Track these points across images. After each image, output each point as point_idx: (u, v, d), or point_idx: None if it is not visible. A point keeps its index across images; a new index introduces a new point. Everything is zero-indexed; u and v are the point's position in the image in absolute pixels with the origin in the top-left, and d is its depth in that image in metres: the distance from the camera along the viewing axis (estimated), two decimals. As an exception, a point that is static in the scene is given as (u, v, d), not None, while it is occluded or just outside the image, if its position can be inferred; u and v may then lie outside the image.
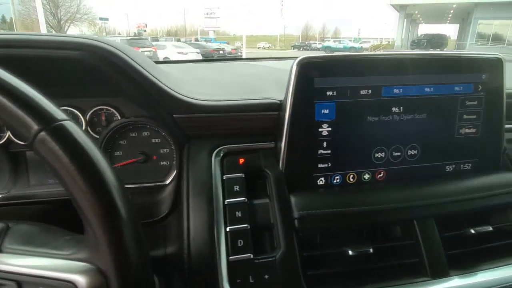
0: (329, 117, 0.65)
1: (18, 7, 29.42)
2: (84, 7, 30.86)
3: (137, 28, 32.41)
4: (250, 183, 0.66)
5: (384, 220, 0.63)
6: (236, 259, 0.57)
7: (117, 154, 0.82)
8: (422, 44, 22.11)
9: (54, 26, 29.38)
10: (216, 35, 40.86)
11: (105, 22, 34.02)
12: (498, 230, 0.67)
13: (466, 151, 0.72)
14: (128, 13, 46.36)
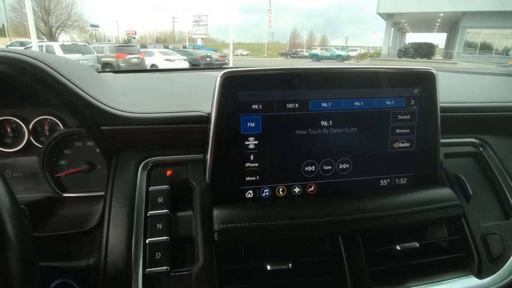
0: (255, 130, 0.64)
1: (10, 13, 29.25)
2: (75, 15, 30.80)
3: (127, 35, 32.44)
4: (177, 195, 0.66)
5: (307, 235, 0.62)
6: (152, 271, 0.56)
7: (62, 163, 0.83)
8: (409, 52, 22.47)
9: (46, 33, 29.23)
10: (204, 42, 41.09)
11: (95, 29, 33.96)
12: (425, 247, 0.67)
13: (400, 166, 0.72)
14: (118, 20, 46.42)
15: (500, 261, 0.67)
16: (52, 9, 29.21)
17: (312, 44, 72.04)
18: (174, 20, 60.99)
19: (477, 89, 1.15)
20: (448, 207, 0.68)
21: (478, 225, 0.69)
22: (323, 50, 34.02)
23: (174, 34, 68.26)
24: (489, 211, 0.74)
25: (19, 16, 28.16)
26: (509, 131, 0.86)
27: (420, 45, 23.29)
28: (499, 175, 0.78)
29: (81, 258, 0.62)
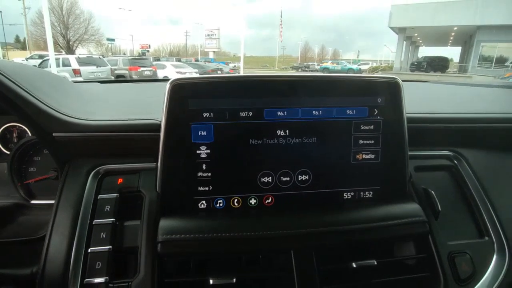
0: (207, 139, 0.62)
1: (31, 28, 30.41)
2: (92, 29, 31.80)
3: (141, 49, 33.25)
4: (127, 204, 0.64)
5: (254, 249, 0.59)
6: (90, 282, 0.54)
7: (31, 170, 0.84)
8: (422, 66, 22.22)
9: (64, 46, 30.25)
10: (216, 56, 41.74)
11: (111, 42, 34.94)
12: (386, 265, 0.63)
13: (365, 178, 0.69)
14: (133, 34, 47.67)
15: (469, 283, 0.62)
16: (71, 23, 30.28)
17: (324, 58, 72.20)
18: (187, 34, 62.27)
19: (467, 102, 1.10)
20: (413, 223, 0.64)
21: (446, 243, 0.65)
22: (334, 63, 34.06)
23: (187, 48, 69.59)
24: (460, 229, 0.70)
25: (39, 30, 29.27)
26: (487, 144, 0.81)
27: (433, 59, 23.04)
28: (474, 190, 0.73)
29: (27, 266, 0.61)
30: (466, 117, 0.78)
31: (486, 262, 0.65)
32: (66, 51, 28.30)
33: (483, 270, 0.64)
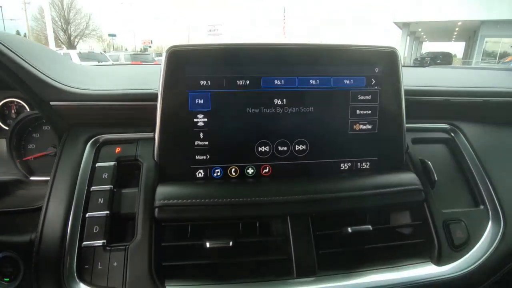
0: (204, 107, 0.62)
1: (32, 23, 30.38)
2: (93, 24, 31.70)
3: (143, 44, 33.16)
4: (125, 173, 0.65)
5: (251, 215, 0.60)
6: (88, 245, 0.55)
7: (30, 147, 0.84)
8: (425, 62, 22.04)
9: (65, 41, 30.21)
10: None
11: (113, 38, 34.83)
12: (382, 231, 0.63)
13: (362, 149, 0.69)
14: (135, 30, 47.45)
15: (463, 249, 0.63)
16: (72, 18, 30.19)
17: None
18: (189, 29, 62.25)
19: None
20: (409, 191, 0.64)
21: (441, 211, 0.65)
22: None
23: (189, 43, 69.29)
24: (456, 199, 0.70)
25: (40, 25, 29.20)
26: (485, 118, 0.81)
27: (436, 55, 22.84)
28: (470, 162, 0.73)
29: (26, 233, 0.62)
30: (464, 90, 0.78)
31: (480, 230, 0.66)
32: (67, 46, 28.23)
33: (477, 237, 0.65)
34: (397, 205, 0.65)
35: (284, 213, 0.60)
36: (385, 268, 0.59)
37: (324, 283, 0.56)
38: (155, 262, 0.54)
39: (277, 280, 0.56)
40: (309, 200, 0.60)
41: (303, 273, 0.57)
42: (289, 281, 0.56)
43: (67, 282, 0.52)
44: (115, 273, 0.53)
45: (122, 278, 0.53)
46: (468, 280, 0.60)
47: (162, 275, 0.55)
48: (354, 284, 0.57)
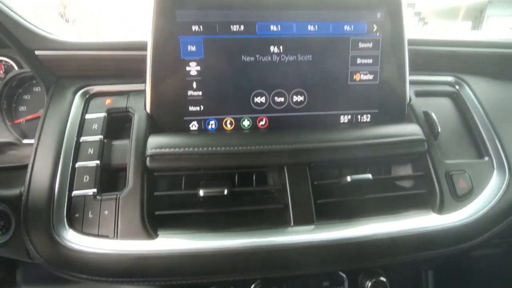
0: (197, 55, 0.59)
1: None
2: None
3: None
4: (116, 125, 0.63)
5: (248, 164, 0.58)
6: (78, 194, 0.54)
7: (21, 109, 0.81)
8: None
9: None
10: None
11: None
12: (382, 182, 0.61)
13: (363, 101, 0.66)
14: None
15: (466, 199, 0.61)
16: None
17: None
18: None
19: None
20: (411, 141, 0.62)
21: (444, 162, 0.62)
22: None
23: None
24: (460, 151, 0.67)
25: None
26: (492, 72, 0.77)
27: (441, 36, 22.39)
28: (476, 114, 0.70)
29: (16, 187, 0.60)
30: (471, 41, 0.74)
31: (484, 181, 0.63)
32: None
33: (481, 188, 0.62)
34: (398, 156, 0.62)
35: (281, 163, 0.58)
36: (385, 217, 0.57)
37: (322, 232, 0.54)
38: (147, 211, 0.53)
39: (273, 229, 0.54)
40: (307, 149, 0.58)
41: (300, 222, 0.55)
42: (286, 230, 0.54)
43: (57, 231, 0.51)
44: (107, 221, 0.52)
45: (113, 226, 0.51)
46: (470, 230, 0.58)
47: (155, 224, 0.53)
48: (353, 232, 0.55)
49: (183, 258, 0.50)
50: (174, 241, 0.52)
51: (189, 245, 0.51)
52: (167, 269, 0.51)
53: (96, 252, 0.50)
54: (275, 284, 0.60)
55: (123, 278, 0.51)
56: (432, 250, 0.57)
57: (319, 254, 0.53)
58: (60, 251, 0.50)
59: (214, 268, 0.51)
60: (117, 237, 0.51)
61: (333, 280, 0.61)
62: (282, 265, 0.53)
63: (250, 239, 0.52)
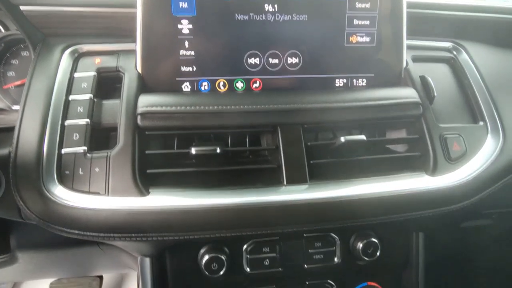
0: (189, 12, 0.57)
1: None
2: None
3: None
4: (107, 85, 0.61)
5: (241, 124, 0.57)
6: (68, 152, 0.53)
7: (10, 75, 0.78)
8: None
9: None
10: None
11: None
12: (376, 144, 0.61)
13: (359, 64, 0.65)
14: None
15: (459, 161, 0.60)
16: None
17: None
18: None
19: None
20: (407, 104, 0.61)
21: (439, 126, 0.62)
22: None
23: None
24: (456, 115, 0.67)
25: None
26: (491, 38, 0.76)
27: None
28: (472, 80, 0.69)
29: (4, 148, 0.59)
30: (471, 5, 0.73)
31: (478, 144, 0.63)
32: None
33: (474, 151, 0.62)
34: (393, 119, 0.61)
35: (274, 123, 0.57)
36: (378, 178, 0.57)
37: (315, 191, 0.54)
38: (139, 169, 0.52)
39: (266, 188, 0.54)
40: (301, 109, 0.57)
41: (293, 182, 0.55)
42: (278, 189, 0.54)
43: (47, 187, 0.50)
44: (97, 179, 0.51)
45: (104, 183, 0.51)
46: (461, 191, 0.58)
47: (146, 182, 0.53)
48: (346, 192, 0.55)
49: (174, 213, 0.50)
50: (165, 198, 0.51)
51: (181, 201, 0.51)
52: (158, 225, 0.50)
53: (87, 208, 0.49)
54: (268, 245, 0.60)
55: (114, 234, 0.51)
56: (423, 210, 0.57)
57: (311, 212, 0.53)
58: (51, 207, 0.50)
59: (206, 224, 0.51)
60: (108, 194, 0.50)
61: (325, 242, 0.62)
62: (273, 222, 0.53)
63: (241, 197, 0.52)
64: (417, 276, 0.68)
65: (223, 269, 0.57)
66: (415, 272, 0.67)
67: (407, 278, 0.69)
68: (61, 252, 0.85)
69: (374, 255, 0.61)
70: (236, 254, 0.60)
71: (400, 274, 0.70)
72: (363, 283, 0.67)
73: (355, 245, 0.61)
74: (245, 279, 0.61)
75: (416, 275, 0.68)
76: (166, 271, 0.59)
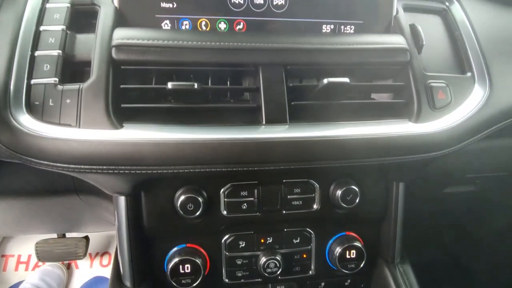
0: None
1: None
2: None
3: None
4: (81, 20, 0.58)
5: (221, 61, 0.55)
6: (38, 82, 0.50)
7: None
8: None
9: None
10: None
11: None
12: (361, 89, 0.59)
13: (348, 10, 0.62)
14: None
15: (444, 110, 0.59)
16: None
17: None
18: None
19: None
20: (394, 50, 0.59)
21: (426, 74, 0.60)
22: None
23: None
24: (444, 65, 0.65)
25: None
26: None
27: None
28: (463, 31, 0.67)
29: None
30: None
31: (464, 94, 0.62)
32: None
33: (460, 101, 0.61)
34: (380, 65, 0.60)
35: (255, 61, 0.55)
36: (360, 123, 0.56)
37: (294, 132, 0.53)
38: (113, 103, 0.50)
39: (244, 126, 0.53)
40: (284, 49, 0.55)
41: (272, 122, 0.53)
42: (257, 128, 0.53)
43: (15, 117, 0.48)
44: (68, 111, 0.49)
45: (76, 116, 0.49)
46: (444, 138, 0.57)
47: (120, 117, 0.51)
48: (325, 132, 0.53)
49: (146, 145, 0.49)
50: (139, 131, 0.50)
51: (155, 135, 0.49)
52: (129, 157, 0.49)
53: (57, 138, 0.48)
54: (246, 189, 0.59)
55: (85, 166, 0.49)
56: (404, 155, 0.56)
57: (290, 150, 0.52)
58: (20, 137, 0.48)
59: (179, 158, 0.50)
60: (79, 126, 0.49)
61: (305, 188, 0.61)
62: (250, 159, 0.52)
63: (218, 133, 0.51)
64: (395, 229, 0.68)
65: (199, 210, 0.56)
66: (393, 224, 0.67)
67: (385, 230, 0.69)
68: (40, 202, 0.83)
69: (353, 202, 0.60)
70: (213, 197, 0.59)
71: (379, 226, 0.70)
72: (341, 233, 0.67)
73: (335, 192, 0.61)
74: (222, 223, 0.61)
75: (394, 228, 0.68)
76: (142, 211, 0.58)
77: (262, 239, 0.64)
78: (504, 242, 1.37)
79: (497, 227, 1.26)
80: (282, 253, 0.64)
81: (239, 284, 0.66)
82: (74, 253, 1.47)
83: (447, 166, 0.83)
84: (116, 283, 0.62)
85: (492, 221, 1.26)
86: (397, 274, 0.68)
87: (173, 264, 0.59)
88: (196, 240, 0.63)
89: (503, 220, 1.23)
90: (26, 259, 1.66)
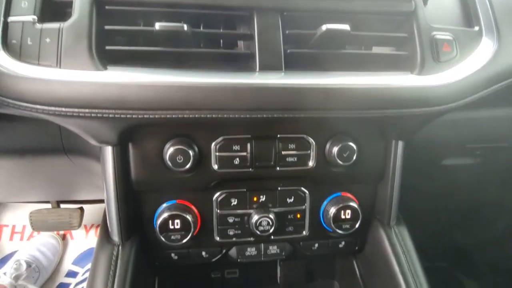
0: None
1: None
2: None
3: None
4: None
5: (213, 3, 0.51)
6: (15, 20, 0.47)
7: None
8: None
9: None
10: None
11: None
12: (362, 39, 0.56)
13: None
14: None
15: (448, 63, 0.56)
16: None
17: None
18: None
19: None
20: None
21: (431, 26, 0.57)
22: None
23: None
24: (451, 18, 0.62)
25: None
26: None
27: None
28: None
29: None
30: None
31: (470, 48, 0.59)
32: None
33: (466, 54, 0.58)
34: (383, 14, 0.56)
35: (250, 6, 0.52)
36: (360, 73, 0.53)
37: (290, 78, 0.50)
38: (96, 44, 0.47)
39: (236, 72, 0.50)
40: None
41: (266, 69, 0.51)
42: (250, 74, 0.50)
43: None
44: (48, 51, 0.46)
45: (56, 56, 0.46)
46: (447, 92, 0.55)
47: (105, 59, 0.48)
48: (323, 80, 0.51)
49: (131, 87, 0.46)
50: (124, 73, 0.47)
51: (141, 77, 0.47)
52: (113, 99, 0.46)
53: (36, 78, 0.45)
54: (238, 143, 0.57)
55: (67, 108, 0.46)
56: (405, 108, 0.54)
57: (284, 97, 0.49)
58: None
59: (166, 102, 0.47)
60: (60, 67, 0.46)
61: (300, 144, 0.59)
62: (241, 105, 0.49)
63: (208, 78, 0.48)
64: (392, 190, 0.66)
65: (189, 163, 0.54)
66: (390, 185, 0.65)
67: (382, 191, 0.67)
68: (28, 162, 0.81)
69: (350, 160, 0.58)
70: (204, 150, 0.57)
71: (375, 187, 0.68)
72: (337, 193, 0.65)
73: (331, 149, 0.58)
74: (213, 178, 0.59)
75: (391, 189, 0.66)
76: (129, 163, 0.56)
77: (255, 197, 0.62)
78: (501, 217, 1.36)
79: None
80: (275, 212, 0.62)
81: (231, 243, 0.65)
82: (68, 223, 1.46)
83: (446, 133, 0.81)
84: (104, 239, 0.60)
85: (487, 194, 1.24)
86: (392, 234, 0.66)
87: (162, 219, 0.57)
88: (187, 196, 0.61)
89: (501, 193, 1.21)
90: (20, 229, 1.65)
